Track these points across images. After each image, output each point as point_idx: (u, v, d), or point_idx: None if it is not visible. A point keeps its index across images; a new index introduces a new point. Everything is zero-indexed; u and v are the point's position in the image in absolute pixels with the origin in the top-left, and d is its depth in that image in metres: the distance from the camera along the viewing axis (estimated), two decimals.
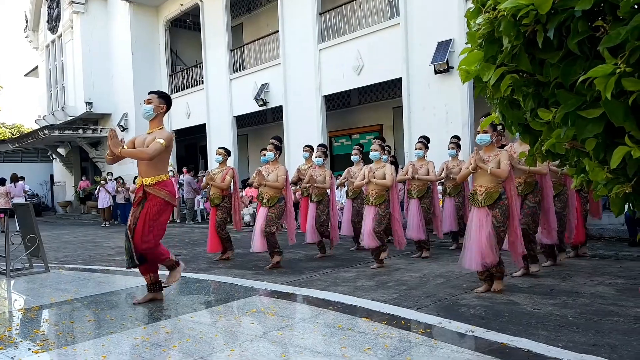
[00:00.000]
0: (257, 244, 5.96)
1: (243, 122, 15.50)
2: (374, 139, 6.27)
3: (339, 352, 2.83)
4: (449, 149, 7.07)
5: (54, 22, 19.42)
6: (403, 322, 3.38)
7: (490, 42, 1.26)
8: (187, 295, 4.56)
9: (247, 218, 11.73)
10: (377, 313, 3.65)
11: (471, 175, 4.62)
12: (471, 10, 1.39)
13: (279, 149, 6.34)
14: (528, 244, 4.93)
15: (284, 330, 3.30)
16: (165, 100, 4.30)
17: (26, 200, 14.39)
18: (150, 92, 4.34)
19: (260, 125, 16.16)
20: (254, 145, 16.82)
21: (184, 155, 18.95)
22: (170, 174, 14.03)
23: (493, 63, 1.30)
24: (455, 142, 7.14)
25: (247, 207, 11.98)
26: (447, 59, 9.10)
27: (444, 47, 9.25)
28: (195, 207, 14.22)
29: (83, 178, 19.18)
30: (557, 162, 1.63)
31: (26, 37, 21.55)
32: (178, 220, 14.39)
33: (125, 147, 4.10)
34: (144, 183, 4.09)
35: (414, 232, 6.44)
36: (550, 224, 5.20)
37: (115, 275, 5.96)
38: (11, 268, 5.98)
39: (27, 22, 21.18)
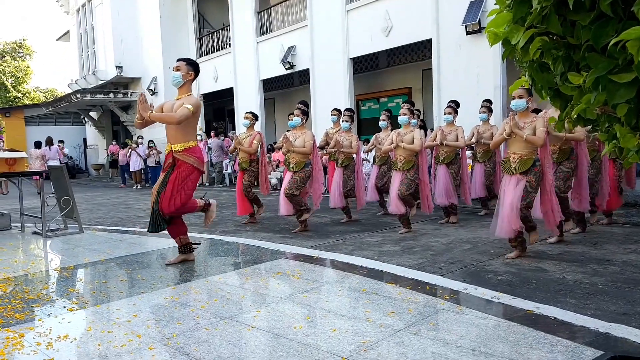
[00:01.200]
0: (283, 207, 6.03)
1: (270, 85, 15.43)
2: (402, 102, 6.14)
3: (362, 315, 2.87)
4: (480, 113, 6.88)
5: None
6: (428, 288, 3.38)
7: (520, 2, 1.19)
8: (216, 257, 4.68)
9: (274, 181, 11.83)
10: (402, 278, 3.66)
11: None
12: None
13: (305, 113, 6.29)
14: (560, 204, 4.84)
15: (309, 293, 3.36)
16: (193, 67, 4.30)
17: (66, 163, 14.87)
18: (178, 60, 4.35)
19: (287, 88, 16.06)
20: (281, 109, 16.78)
21: (212, 119, 19.11)
22: (199, 137, 14.20)
23: (522, 25, 1.23)
24: (487, 105, 6.93)
25: (274, 170, 12.07)
26: (479, 19, 8.75)
27: (475, 6, 8.88)
28: (224, 171, 14.42)
29: (113, 142, 19.60)
30: (589, 127, 1.56)
31: (57, 1, 21.71)
32: (207, 184, 14.64)
33: (153, 112, 4.15)
34: (173, 149, 4.16)
35: (441, 198, 6.36)
36: (582, 192, 5.06)
37: (147, 236, 6.12)
38: (47, 229, 6.24)
39: None
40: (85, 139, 24.58)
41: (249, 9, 14.31)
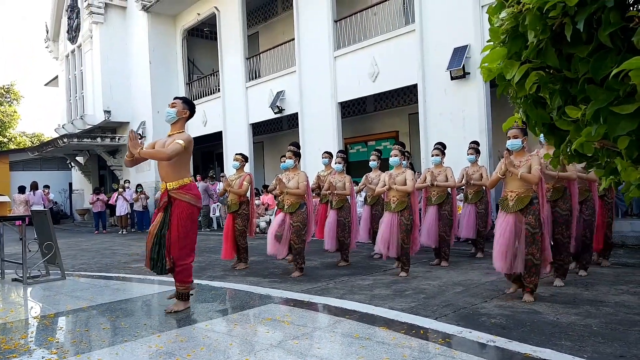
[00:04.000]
0: (272, 247, 5.96)
1: (259, 129, 15.55)
2: (394, 144, 6.21)
3: None
4: (468, 155, 6.96)
5: (73, 33, 19.78)
6: (422, 332, 3.29)
7: (514, 37, 1.20)
8: (203, 303, 4.52)
9: (262, 225, 11.72)
10: (396, 322, 3.56)
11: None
12: (493, 5, 1.32)
13: (298, 155, 6.30)
14: (559, 254, 4.82)
15: (300, 339, 3.24)
16: (189, 106, 4.30)
17: (50, 208, 14.60)
18: (175, 98, 4.36)
19: (276, 132, 16.20)
20: (270, 153, 16.86)
21: (200, 163, 19.09)
22: None
23: (517, 60, 1.24)
24: (475, 147, 7.03)
25: (262, 215, 11.97)
26: (464, 65, 9.01)
27: (460, 52, 9.16)
28: (211, 214, 14.27)
29: (92, 195, 18.66)
30: (583, 164, 1.55)
31: (47, 47, 22.00)
32: None
33: (144, 148, 4.10)
34: (168, 187, 4.09)
35: (431, 239, 6.33)
36: (573, 232, 5.05)
37: (132, 282, 5.97)
38: (28, 275, 6.03)
39: (47, 32, 21.62)
40: (70, 184, 24.32)
41: (238, 55, 14.62)
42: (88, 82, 18.94)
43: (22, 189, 14.00)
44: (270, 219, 11.96)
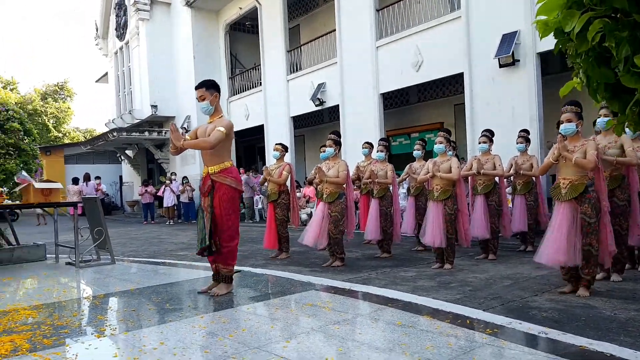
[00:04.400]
0: (310, 237, 5.87)
1: (300, 122, 15.59)
2: (439, 131, 6.02)
3: (398, 349, 2.68)
4: (517, 144, 6.67)
5: (121, 30, 20.46)
6: (468, 322, 3.16)
7: None
8: (245, 288, 4.56)
9: (304, 217, 11.74)
10: (440, 312, 3.45)
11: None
12: None
13: (338, 144, 6.22)
14: (619, 247, 4.52)
15: (341, 324, 3.19)
16: (214, 87, 4.30)
17: (103, 199, 15.24)
18: (197, 87, 4.28)
19: (317, 125, 16.19)
20: (311, 146, 16.87)
21: (243, 156, 19.35)
22: None
23: (577, 9, 1.12)
24: (524, 136, 6.73)
25: (303, 207, 11.99)
26: (513, 52, 8.67)
27: (509, 39, 8.81)
28: (254, 207, 14.45)
29: (141, 187, 19.36)
30: None
31: (97, 44, 22.87)
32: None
33: (187, 138, 4.18)
34: (210, 172, 4.16)
35: (479, 230, 6.09)
36: (636, 223, 4.74)
37: (177, 268, 6.11)
38: (80, 259, 6.28)
39: (97, 30, 22.47)
40: (121, 177, 25.26)
41: (279, 48, 14.68)
42: (136, 78, 19.55)
43: (75, 181, 14.65)
44: (311, 212, 11.98)
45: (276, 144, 7.22)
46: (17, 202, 6.50)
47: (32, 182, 5.93)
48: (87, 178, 15.51)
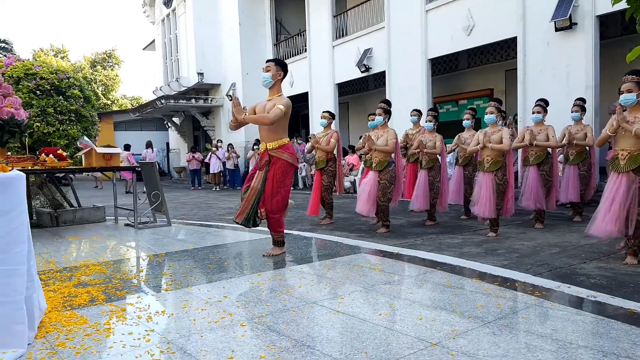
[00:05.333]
0: (364, 207, 5.98)
1: (344, 89, 15.54)
2: (489, 102, 5.92)
3: (449, 307, 2.80)
4: (572, 112, 6.47)
5: None
6: (517, 285, 3.24)
7: None
8: (297, 250, 4.77)
9: (347, 185, 11.87)
10: (488, 275, 3.53)
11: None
12: None
13: (388, 112, 6.24)
14: None
15: (392, 284, 3.34)
16: (282, 67, 4.46)
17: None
18: (268, 60, 4.52)
19: (362, 92, 16.10)
20: (355, 113, 16.84)
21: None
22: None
23: None
24: (580, 104, 6.52)
25: (347, 175, 12.10)
26: (570, 15, 8.29)
27: (566, 1, 8.41)
28: (299, 174, 14.68)
29: (188, 152, 19.98)
30: None
31: (144, 12, 23.31)
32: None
33: (247, 114, 4.34)
34: (268, 147, 4.32)
35: (529, 201, 6.03)
36: None
37: (230, 230, 6.39)
38: (138, 221, 6.68)
39: None
40: (168, 144, 26.08)
41: (325, 13, 14.54)
42: (182, 45, 19.89)
43: (127, 147, 15.27)
44: (354, 179, 12.09)
45: (323, 112, 7.29)
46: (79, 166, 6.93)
47: (94, 147, 6.29)
48: (149, 145, 16.26)
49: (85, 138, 6.70)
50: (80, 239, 5.87)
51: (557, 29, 8.58)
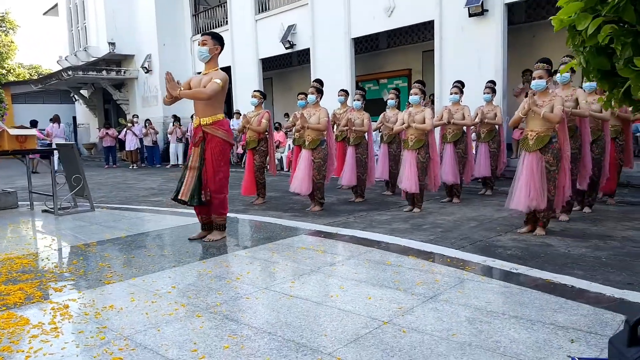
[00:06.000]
0: (303, 186, 6.13)
1: (268, 65, 15.37)
2: (414, 82, 6.24)
3: (393, 285, 3.04)
4: (484, 94, 7.03)
5: None
6: (449, 260, 3.57)
7: None
8: (235, 233, 4.81)
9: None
10: (422, 252, 3.84)
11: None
12: None
13: (320, 92, 6.40)
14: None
15: (337, 265, 3.52)
16: (219, 41, 4.39)
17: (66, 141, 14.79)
18: (203, 34, 4.42)
19: (286, 68, 16.03)
20: (279, 89, 16.77)
21: None
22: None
23: (590, 13, 1.36)
24: (491, 87, 7.09)
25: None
26: (482, 2, 8.84)
27: None
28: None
29: (101, 128, 18.95)
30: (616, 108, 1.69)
31: None
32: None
33: (181, 88, 4.23)
34: (202, 123, 4.26)
35: (448, 176, 6.52)
36: (587, 170, 5.26)
37: (160, 215, 6.21)
38: (58, 207, 6.30)
39: None
40: (75, 117, 24.30)
41: None
42: (90, 12, 18.44)
43: (34, 123, 14.05)
44: (281, 157, 12.16)
45: (254, 91, 7.26)
46: None
47: (6, 129, 5.79)
48: (56, 119, 14.95)
49: None
50: None
51: (470, 15, 9.12)
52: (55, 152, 7.05)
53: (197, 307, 2.78)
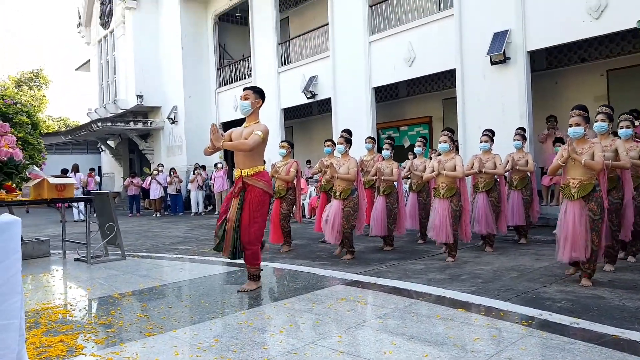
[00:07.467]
0: (332, 236, 6.07)
1: (289, 114, 15.67)
2: (443, 130, 6.24)
3: (448, 341, 2.90)
4: (514, 141, 6.99)
5: (106, 18, 20.06)
6: (502, 314, 3.41)
7: None
8: (270, 282, 4.71)
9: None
10: (472, 305, 3.69)
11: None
12: None
13: (349, 142, 6.45)
14: (611, 240, 4.88)
15: (383, 318, 3.39)
16: (260, 95, 4.49)
17: (89, 191, 15.02)
18: (245, 88, 4.54)
19: (306, 117, 16.31)
20: (300, 137, 16.99)
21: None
22: (220, 165, 14.36)
23: None
24: (521, 133, 7.06)
25: None
26: (504, 50, 8.97)
27: (500, 37, 9.12)
28: None
29: (128, 179, 19.26)
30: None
31: (79, 32, 22.33)
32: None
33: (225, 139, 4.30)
34: (243, 174, 4.29)
35: (480, 226, 6.39)
36: (628, 221, 5.10)
37: (192, 263, 6.14)
38: (91, 255, 6.30)
39: (79, 18, 21.94)
40: (100, 167, 24.84)
41: (270, 40, 14.69)
42: (121, 67, 19.23)
43: (64, 172, 14.38)
44: (303, 203, 12.14)
45: (282, 141, 7.40)
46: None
47: (46, 178, 5.90)
48: (75, 169, 15.31)
49: (35, 167, 6.28)
50: (28, 277, 5.43)
51: (492, 63, 9.24)
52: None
53: None
